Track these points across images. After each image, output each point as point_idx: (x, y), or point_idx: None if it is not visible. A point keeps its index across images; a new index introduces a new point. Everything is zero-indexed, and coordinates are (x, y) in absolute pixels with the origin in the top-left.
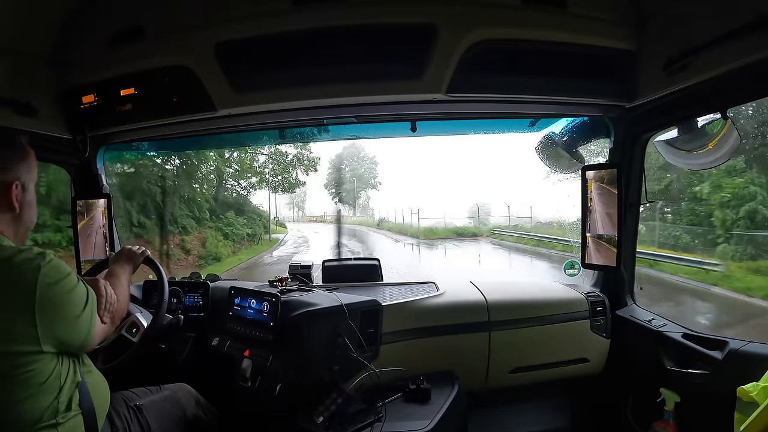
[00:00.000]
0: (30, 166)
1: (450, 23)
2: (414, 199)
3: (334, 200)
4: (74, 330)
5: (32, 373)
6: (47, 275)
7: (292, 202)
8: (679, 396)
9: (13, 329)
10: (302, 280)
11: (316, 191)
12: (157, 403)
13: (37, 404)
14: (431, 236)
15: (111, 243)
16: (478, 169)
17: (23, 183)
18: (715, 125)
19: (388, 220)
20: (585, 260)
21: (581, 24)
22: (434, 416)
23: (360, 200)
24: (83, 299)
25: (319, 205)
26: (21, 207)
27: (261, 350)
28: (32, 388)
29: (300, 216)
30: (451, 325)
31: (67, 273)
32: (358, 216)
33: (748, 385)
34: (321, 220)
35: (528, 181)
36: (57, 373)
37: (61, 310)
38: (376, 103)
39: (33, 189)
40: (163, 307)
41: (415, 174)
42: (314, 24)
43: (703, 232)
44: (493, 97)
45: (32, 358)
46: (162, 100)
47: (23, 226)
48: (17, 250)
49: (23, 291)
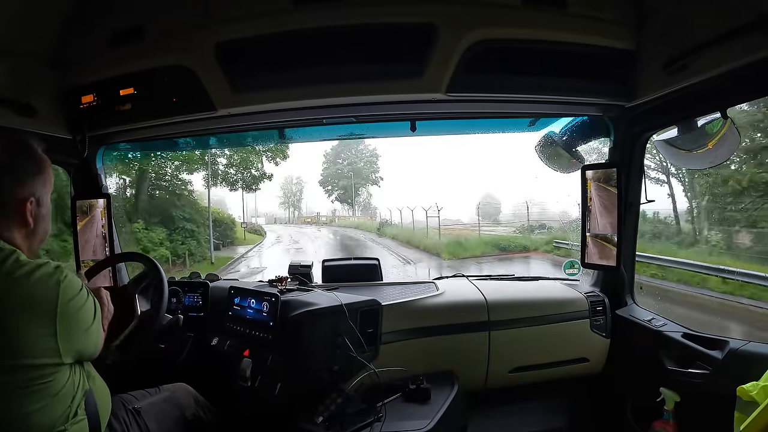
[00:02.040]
0: (46, 180)
1: (450, 23)
2: (422, 197)
3: (330, 199)
4: (88, 341)
5: (51, 384)
6: (65, 291)
7: (288, 202)
8: (679, 396)
9: (35, 343)
10: (302, 280)
11: (314, 189)
12: (156, 404)
13: (52, 413)
14: (460, 253)
15: (111, 243)
16: (488, 159)
17: (38, 198)
18: (714, 125)
19: (391, 223)
20: (585, 260)
21: (581, 24)
22: (434, 416)
23: (360, 198)
24: (93, 311)
25: (321, 204)
26: (36, 222)
27: (261, 350)
28: (49, 398)
29: (296, 216)
30: (450, 324)
31: (80, 287)
32: (358, 217)
33: (748, 385)
34: (314, 222)
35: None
36: (71, 382)
37: (78, 323)
38: (375, 103)
39: (48, 201)
40: (164, 303)
41: (421, 168)
42: (314, 24)
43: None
44: (493, 96)
45: (53, 369)
46: (162, 100)
47: (37, 239)
48: (36, 266)
49: (45, 306)
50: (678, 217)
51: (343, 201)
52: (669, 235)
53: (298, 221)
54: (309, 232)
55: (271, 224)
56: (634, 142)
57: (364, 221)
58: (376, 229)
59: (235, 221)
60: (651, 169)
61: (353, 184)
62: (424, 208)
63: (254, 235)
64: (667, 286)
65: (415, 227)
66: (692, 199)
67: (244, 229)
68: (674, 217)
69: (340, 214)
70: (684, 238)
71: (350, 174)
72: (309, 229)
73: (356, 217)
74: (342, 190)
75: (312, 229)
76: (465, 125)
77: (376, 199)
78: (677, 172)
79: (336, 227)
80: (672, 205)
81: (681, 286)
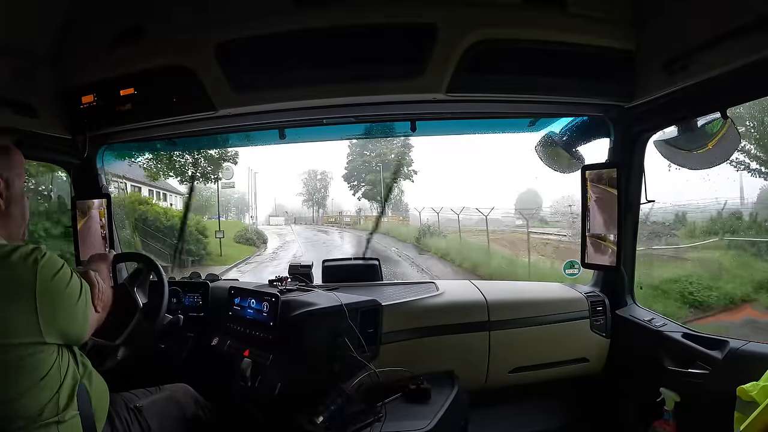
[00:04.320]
0: (11, 163)
1: (450, 23)
2: (453, 194)
3: (356, 195)
4: (73, 320)
5: (34, 365)
6: (45, 268)
7: (311, 199)
8: (679, 396)
9: (16, 322)
10: (302, 280)
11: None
12: (156, 403)
13: (38, 398)
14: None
15: (111, 243)
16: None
17: (6, 179)
18: (714, 125)
19: (432, 230)
20: (585, 260)
21: (581, 24)
22: (434, 416)
23: (391, 195)
24: (78, 290)
25: (348, 202)
26: (8, 203)
27: (261, 350)
28: (33, 381)
29: (320, 215)
30: (451, 324)
31: (62, 265)
32: (388, 217)
33: (747, 385)
34: (337, 222)
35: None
36: (57, 367)
37: (60, 301)
38: (376, 103)
39: (20, 185)
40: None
41: (450, 161)
42: (314, 24)
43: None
44: (493, 96)
45: (35, 349)
46: (162, 100)
47: (14, 222)
48: (13, 247)
49: (24, 285)
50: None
51: (371, 198)
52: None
53: (322, 221)
54: (325, 240)
55: (288, 225)
56: (634, 142)
57: (396, 224)
58: (414, 239)
59: (206, 228)
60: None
61: (382, 178)
62: (479, 209)
63: (244, 247)
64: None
65: (461, 236)
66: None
67: (220, 240)
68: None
69: (368, 213)
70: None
71: (378, 167)
72: (326, 236)
73: (386, 216)
74: (369, 185)
75: (333, 234)
76: (465, 125)
77: (410, 197)
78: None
79: (361, 231)
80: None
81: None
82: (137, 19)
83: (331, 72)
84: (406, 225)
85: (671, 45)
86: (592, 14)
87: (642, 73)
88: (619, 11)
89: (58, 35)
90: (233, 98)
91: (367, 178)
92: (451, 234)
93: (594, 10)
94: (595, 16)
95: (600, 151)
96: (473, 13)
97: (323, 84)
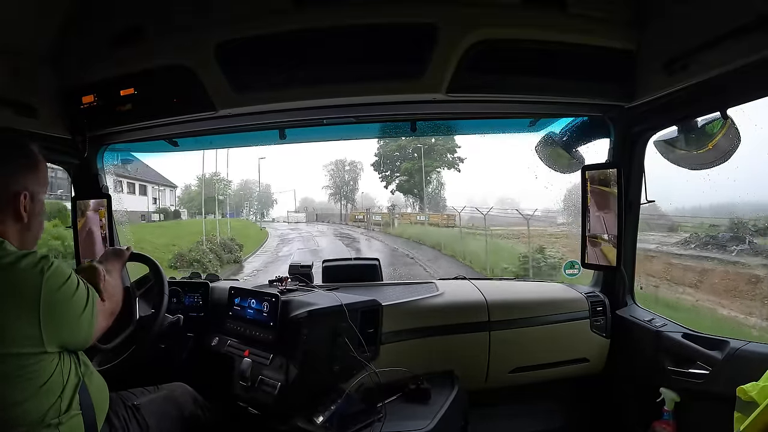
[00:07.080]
0: (39, 177)
1: (450, 23)
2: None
3: (388, 189)
4: (77, 331)
5: (35, 373)
6: (51, 279)
7: (339, 193)
8: (679, 396)
9: (17, 332)
10: (302, 280)
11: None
12: (154, 402)
13: (41, 404)
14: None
15: (111, 243)
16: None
17: (32, 193)
18: (715, 125)
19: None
20: (585, 260)
21: (581, 24)
22: (434, 416)
23: (429, 187)
24: (84, 300)
25: (382, 196)
26: (30, 217)
27: (261, 350)
28: (34, 388)
29: (349, 211)
30: (451, 325)
31: (69, 276)
32: (426, 215)
33: (747, 385)
34: (364, 221)
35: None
36: (59, 372)
37: (65, 313)
38: (376, 103)
39: (42, 199)
40: (164, 301)
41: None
42: (314, 24)
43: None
44: (493, 97)
45: (35, 358)
46: (162, 100)
47: (31, 235)
48: (21, 255)
49: (28, 295)
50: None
51: (406, 192)
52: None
53: (348, 219)
54: (341, 250)
55: (309, 224)
56: (635, 142)
57: (440, 232)
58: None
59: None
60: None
61: (422, 166)
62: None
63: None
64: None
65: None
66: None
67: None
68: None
69: (402, 210)
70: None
71: (415, 155)
72: (343, 245)
73: (423, 215)
74: (405, 175)
75: (358, 240)
76: (465, 125)
77: (453, 191)
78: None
79: (395, 235)
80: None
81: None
82: (137, 19)
83: (331, 72)
84: (449, 221)
85: (671, 45)
86: (592, 14)
87: (642, 73)
88: (620, 11)
89: (59, 35)
90: (233, 98)
91: (402, 167)
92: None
93: (594, 11)
94: (596, 17)
95: (600, 151)
96: (473, 13)
97: (323, 84)
